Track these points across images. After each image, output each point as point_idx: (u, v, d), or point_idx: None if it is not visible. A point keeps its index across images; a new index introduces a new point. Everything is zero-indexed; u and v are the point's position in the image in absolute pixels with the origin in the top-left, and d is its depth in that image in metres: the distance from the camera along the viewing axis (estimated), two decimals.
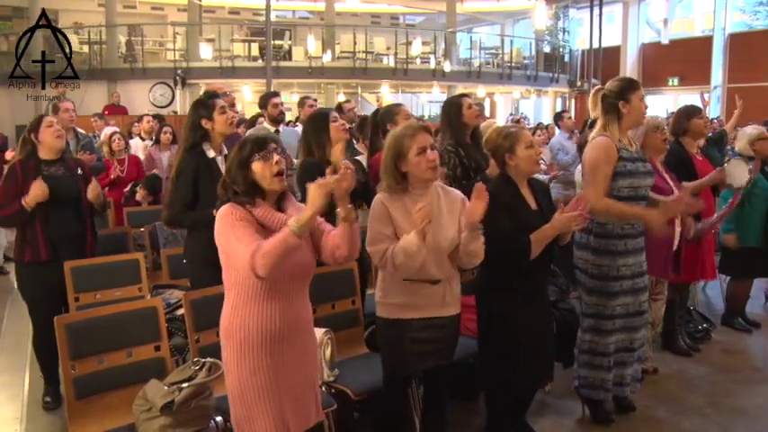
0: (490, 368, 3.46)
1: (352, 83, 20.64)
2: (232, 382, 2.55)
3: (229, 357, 2.54)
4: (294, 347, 2.57)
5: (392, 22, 26.16)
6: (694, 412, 4.13)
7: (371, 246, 2.95)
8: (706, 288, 6.57)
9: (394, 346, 3.09)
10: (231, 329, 2.52)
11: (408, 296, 3.03)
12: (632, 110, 3.66)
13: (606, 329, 3.78)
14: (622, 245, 3.71)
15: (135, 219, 5.78)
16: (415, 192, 2.99)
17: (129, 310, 3.21)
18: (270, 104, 5.84)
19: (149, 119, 8.70)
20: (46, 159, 4.08)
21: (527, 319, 3.31)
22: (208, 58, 18.12)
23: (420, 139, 2.93)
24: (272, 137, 2.60)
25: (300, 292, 2.62)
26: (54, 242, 4.01)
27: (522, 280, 3.30)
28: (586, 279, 3.80)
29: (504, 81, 20.91)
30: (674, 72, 20.47)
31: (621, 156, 3.63)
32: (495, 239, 3.08)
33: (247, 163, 2.48)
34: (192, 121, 3.92)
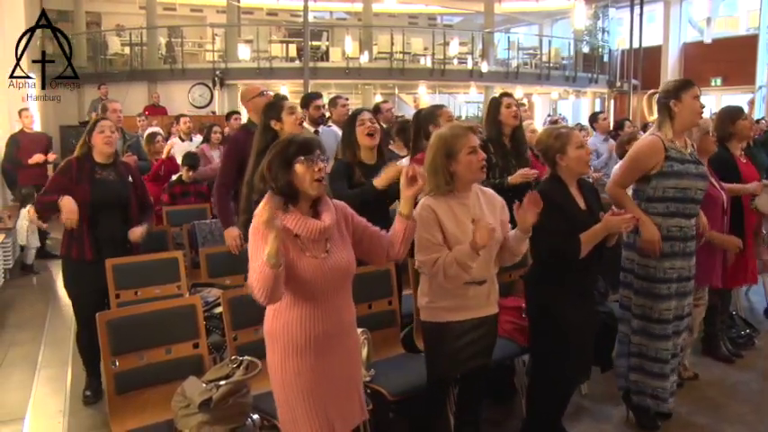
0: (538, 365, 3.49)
1: (389, 83, 20.63)
2: (277, 385, 2.55)
3: (273, 360, 2.55)
4: (337, 349, 2.56)
5: (429, 22, 26.10)
6: (737, 419, 4.05)
7: (422, 254, 2.96)
8: (749, 293, 6.43)
9: (443, 349, 3.10)
10: (274, 333, 2.53)
11: (457, 299, 3.03)
12: (684, 109, 3.61)
13: (656, 334, 3.72)
14: (668, 246, 3.65)
15: (174, 218, 5.86)
16: (459, 194, 3.00)
17: (168, 308, 3.25)
18: (312, 106, 5.87)
19: (186, 120, 8.84)
20: (99, 162, 4.18)
21: (577, 318, 3.32)
22: (246, 59, 18.26)
23: (471, 139, 2.97)
24: (318, 142, 2.56)
25: (342, 293, 2.60)
26: (100, 245, 4.11)
27: (573, 278, 3.31)
28: (633, 279, 3.77)
29: (542, 82, 20.71)
30: (717, 72, 20.06)
31: (669, 155, 3.58)
32: (547, 238, 3.12)
33: (291, 162, 2.44)
34: (263, 124, 4.03)
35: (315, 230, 2.44)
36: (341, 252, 2.54)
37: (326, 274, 2.47)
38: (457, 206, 2.96)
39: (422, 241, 2.95)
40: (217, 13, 21.44)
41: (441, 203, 2.97)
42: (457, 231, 2.92)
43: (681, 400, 4.07)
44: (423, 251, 2.95)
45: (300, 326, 2.48)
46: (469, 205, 2.98)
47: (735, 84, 19.47)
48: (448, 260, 2.86)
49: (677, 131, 3.65)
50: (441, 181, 2.97)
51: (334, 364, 2.55)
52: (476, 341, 3.09)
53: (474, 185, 3.08)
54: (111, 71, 17.09)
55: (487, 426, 3.44)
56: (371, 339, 3.38)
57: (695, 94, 3.63)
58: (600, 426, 3.96)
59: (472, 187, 3.06)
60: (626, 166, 3.71)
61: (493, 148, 4.54)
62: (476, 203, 3.01)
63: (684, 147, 3.69)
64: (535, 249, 3.38)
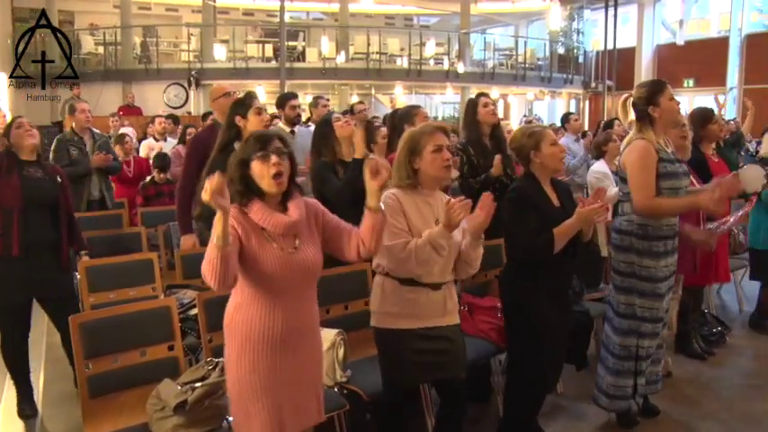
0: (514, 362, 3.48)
1: (365, 84, 20.65)
2: (231, 379, 2.52)
3: (230, 354, 2.51)
4: (297, 348, 2.51)
5: (406, 23, 26.16)
6: (710, 417, 4.11)
7: (389, 240, 2.84)
8: (721, 291, 6.52)
9: (394, 356, 3.01)
10: (234, 326, 2.49)
11: (407, 305, 2.95)
12: (664, 112, 3.63)
13: (658, 332, 3.76)
14: (662, 245, 3.66)
15: (149, 219, 5.82)
16: (424, 192, 2.99)
17: (142, 310, 3.22)
18: (288, 106, 5.85)
19: (162, 120, 8.78)
20: (24, 159, 4.06)
21: (551, 317, 3.32)
22: (222, 59, 18.20)
23: (437, 138, 2.95)
24: (278, 134, 2.52)
25: (306, 293, 2.56)
26: (28, 243, 3.95)
27: (547, 276, 3.32)
28: (637, 282, 3.70)
29: (517, 82, 20.85)
30: (689, 73, 20.33)
31: (661, 157, 3.61)
32: (521, 236, 3.10)
33: (248, 161, 2.41)
34: (228, 119, 4.04)
35: (281, 225, 2.41)
36: (309, 249, 2.51)
37: (292, 268, 2.43)
38: (422, 203, 2.94)
39: (388, 227, 2.82)
40: (192, 13, 21.33)
41: (406, 195, 2.93)
42: (420, 224, 2.88)
43: (655, 397, 4.10)
44: (390, 237, 2.85)
45: (261, 321, 2.44)
46: (434, 206, 2.95)
47: (707, 85, 19.75)
48: (420, 243, 2.81)
49: (659, 133, 3.68)
50: (403, 175, 2.95)
51: (293, 363, 2.50)
52: (430, 352, 2.96)
53: (440, 193, 3.06)
54: (84, 71, 16.89)
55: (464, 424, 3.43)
56: (348, 340, 3.36)
57: (670, 95, 3.66)
58: (575, 424, 3.99)
59: (437, 192, 3.04)
60: (639, 178, 3.60)
61: (473, 149, 4.57)
62: (441, 206, 2.93)
63: (666, 146, 3.72)
64: (510, 248, 3.40)
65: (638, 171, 3.61)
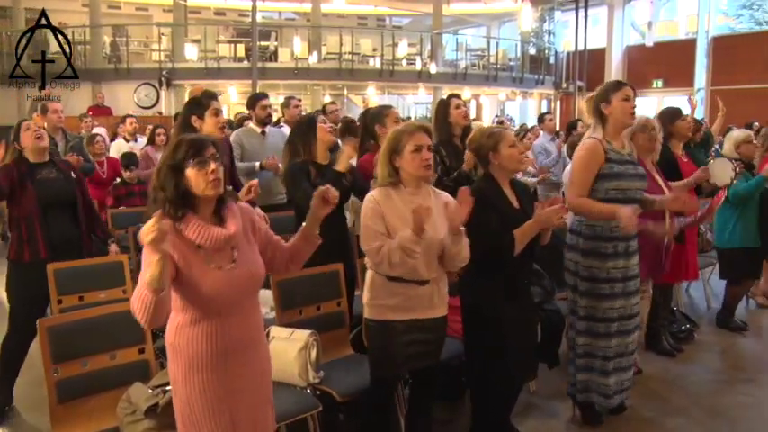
0: (477, 365, 3.48)
1: (338, 84, 20.63)
2: (180, 400, 2.38)
3: (176, 375, 2.37)
4: (246, 361, 2.41)
5: (378, 23, 26.19)
6: (678, 412, 4.16)
7: (367, 243, 2.96)
8: (689, 289, 6.62)
9: (382, 347, 3.09)
10: (177, 347, 2.34)
11: (397, 297, 3.02)
12: (614, 110, 3.67)
13: (600, 332, 3.78)
14: (612, 247, 3.71)
15: (119, 220, 5.75)
16: (407, 190, 3.02)
17: (112, 313, 3.17)
18: (258, 106, 5.81)
19: (132, 120, 8.68)
20: (36, 163, 4.06)
21: (511, 317, 3.32)
22: (193, 59, 18.06)
23: (417, 138, 2.98)
24: (211, 140, 2.36)
25: (249, 305, 2.45)
26: (54, 244, 4.00)
27: (506, 276, 3.32)
28: (577, 281, 3.80)
29: (489, 83, 20.98)
30: (658, 74, 20.61)
31: (609, 158, 3.65)
32: (480, 237, 3.12)
33: (181, 167, 2.25)
34: (184, 118, 4.00)
35: (219, 239, 2.26)
36: (249, 259, 2.39)
37: (234, 285, 2.32)
38: (403, 201, 2.97)
39: (366, 230, 2.97)
40: (163, 12, 21.14)
41: (387, 199, 2.98)
42: (399, 224, 2.91)
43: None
44: (368, 240, 2.95)
45: (206, 342, 2.31)
46: (417, 202, 2.96)
47: (675, 86, 20.06)
48: (392, 247, 2.86)
49: (610, 133, 3.72)
50: (385, 173, 3.03)
51: (244, 377, 2.40)
52: (420, 342, 3.08)
53: (427, 186, 3.10)
54: None
55: (437, 425, 3.45)
56: (320, 341, 3.36)
57: (625, 96, 3.68)
58: (548, 422, 4.02)
59: (423, 187, 3.07)
60: (577, 175, 3.71)
61: (445, 150, 4.59)
62: (426, 202, 2.98)
63: (622, 147, 3.76)
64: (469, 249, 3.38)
65: (577, 168, 3.71)
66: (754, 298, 6.34)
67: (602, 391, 3.84)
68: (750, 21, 20.51)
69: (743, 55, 18.27)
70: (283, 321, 3.56)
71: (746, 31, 19.94)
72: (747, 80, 17.80)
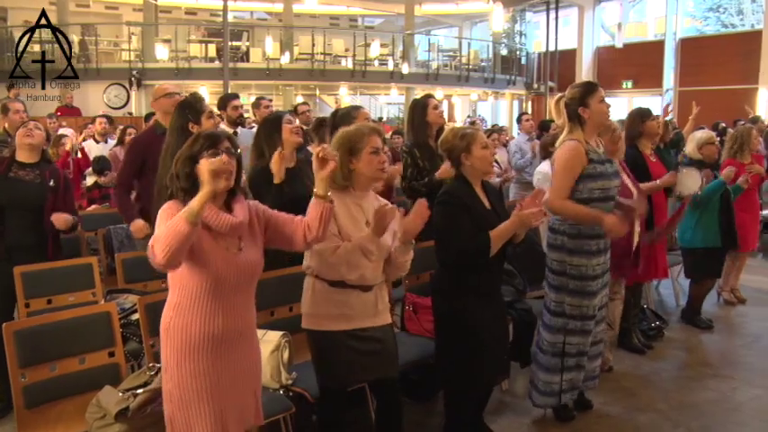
0: (449, 366, 3.46)
1: (310, 84, 20.58)
2: (171, 384, 2.46)
3: (169, 358, 2.46)
4: (237, 351, 2.51)
5: (350, 24, 26.18)
6: (649, 408, 4.22)
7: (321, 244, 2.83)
8: (659, 287, 6.70)
9: (325, 358, 3.00)
10: (173, 330, 2.44)
11: (338, 306, 2.95)
12: (593, 113, 3.70)
13: (587, 330, 3.83)
14: (595, 244, 3.75)
15: (88, 222, 5.67)
16: (356, 193, 2.98)
17: (81, 316, 3.14)
18: (229, 106, 5.78)
19: (102, 120, 8.57)
20: (21, 161, 4.04)
21: (483, 317, 3.33)
22: (164, 59, 17.90)
23: (374, 140, 2.96)
24: (227, 135, 2.52)
25: (245, 294, 2.55)
26: (9, 245, 3.93)
27: (476, 277, 3.32)
28: (567, 280, 3.79)
29: (461, 83, 21.07)
30: (627, 75, 20.86)
31: (591, 158, 3.69)
32: (454, 239, 3.11)
33: (196, 158, 2.38)
34: (179, 124, 3.90)
35: (227, 224, 2.39)
36: (252, 251, 2.51)
37: (237, 269, 2.43)
38: (353, 205, 2.94)
39: None
40: (133, 12, 20.92)
41: (336, 199, 2.87)
42: (350, 227, 2.88)
43: (596, 391, 4.20)
44: None
45: (201, 324, 2.41)
46: (365, 208, 2.95)
47: (644, 86, 20.31)
48: (350, 247, 2.82)
49: (588, 134, 3.76)
50: (338, 176, 2.90)
51: (233, 366, 2.50)
52: (363, 353, 2.97)
53: (371, 194, 3.06)
54: None
55: (409, 426, 3.44)
56: (293, 342, 3.34)
57: (600, 97, 3.73)
58: (520, 420, 4.04)
59: (369, 194, 3.04)
60: (560, 177, 3.71)
61: (419, 151, 4.58)
62: (372, 208, 2.94)
63: (597, 147, 3.81)
64: (441, 252, 3.36)
65: (560, 170, 3.72)
66: (721, 294, 6.44)
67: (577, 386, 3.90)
68: (716, 23, 20.86)
69: (710, 57, 18.57)
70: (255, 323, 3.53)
71: (713, 34, 20.27)
72: (714, 81, 18.08)
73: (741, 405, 4.29)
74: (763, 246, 8.50)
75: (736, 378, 4.72)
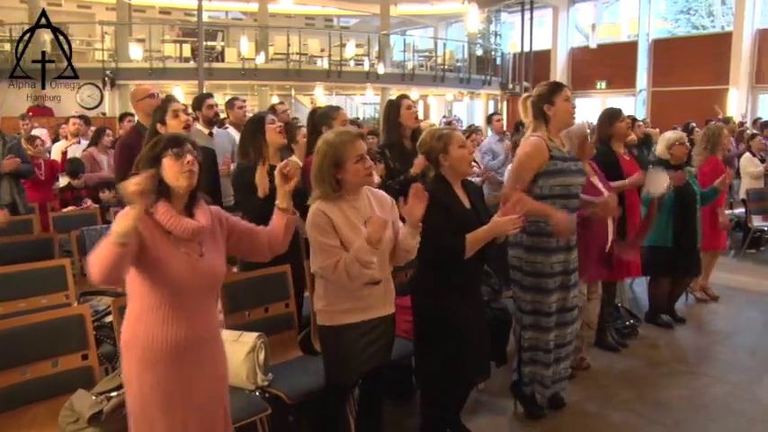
0: (432, 366, 3.48)
1: (285, 85, 20.50)
2: (133, 397, 2.40)
3: (130, 370, 2.39)
4: (200, 360, 2.44)
5: (326, 24, 26.14)
6: (622, 406, 4.26)
7: (322, 261, 2.90)
8: (633, 285, 6.77)
9: (342, 352, 3.06)
10: (133, 340, 2.37)
11: (353, 300, 3.01)
12: (558, 111, 3.78)
13: (546, 326, 3.85)
14: (554, 241, 3.79)
15: (61, 224, 5.61)
16: (349, 197, 2.99)
17: (54, 319, 3.10)
18: (204, 106, 5.72)
19: (75, 121, 8.48)
20: None
21: (464, 316, 3.36)
22: (138, 59, 17.72)
23: (358, 147, 2.95)
24: (190, 139, 2.45)
25: (208, 302, 2.51)
26: None
27: (456, 277, 3.35)
28: (522, 276, 3.87)
29: (437, 83, 21.11)
30: (601, 76, 21.04)
31: (553, 155, 3.74)
32: (431, 237, 3.14)
33: (158, 159, 2.34)
34: (152, 128, 3.99)
35: (188, 229, 2.34)
36: (214, 257, 2.46)
37: (199, 275, 2.38)
38: (349, 210, 2.95)
39: (320, 246, 2.90)
40: (106, 11, 20.70)
41: (333, 208, 2.93)
42: (351, 235, 2.90)
43: (571, 389, 4.24)
44: (322, 256, 2.90)
45: (163, 333, 2.34)
46: (360, 208, 2.97)
47: (618, 87, 20.51)
48: (348, 260, 2.84)
49: (552, 132, 3.83)
50: (327, 189, 2.93)
51: (197, 376, 2.43)
52: (374, 342, 3.08)
53: (364, 190, 3.07)
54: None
55: (387, 426, 3.45)
56: (268, 343, 3.33)
57: (566, 97, 3.81)
58: (497, 419, 4.07)
59: (362, 193, 3.05)
60: (517, 169, 3.82)
61: (391, 152, 4.58)
62: (367, 205, 3.01)
63: (562, 145, 3.86)
64: (421, 250, 3.38)
65: (520, 163, 3.81)
66: (693, 293, 6.52)
67: (543, 382, 3.93)
68: (687, 25, 21.12)
69: (681, 58, 18.78)
70: (230, 324, 3.52)
71: (684, 35, 20.52)
72: (686, 82, 18.31)
73: (713, 401, 4.36)
74: (734, 244, 8.65)
75: (708, 374, 4.79)
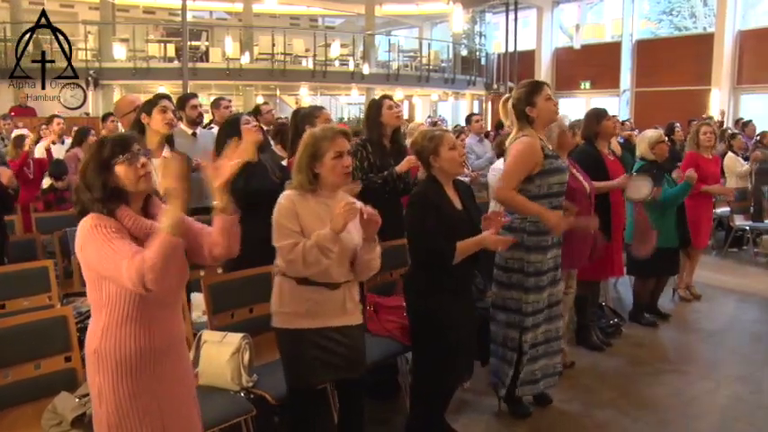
0: (424, 365, 3.50)
1: (270, 85, 20.47)
2: (108, 410, 2.31)
3: (103, 383, 2.31)
4: (172, 362, 2.42)
5: (311, 24, 26.12)
6: (607, 404, 4.29)
7: (279, 240, 2.86)
8: (617, 284, 6.81)
9: (293, 356, 3.00)
10: (104, 352, 2.29)
11: (307, 304, 2.94)
12: (541, 112, 3.77)
13: (527, 325, 3.85)
14: (549, 239, 3.82)
15: (44, 224, 5.56)
16: (323, 194, 2.97)
17: (36, 320, 3.08)
18: (188, 106, 5.69)
19: (59, 121, 8.42)
20: None
21: (455, 317, 3.37)
22: (122, 59, 17.62)
23: (338, 143, 2.93)
24: (134, 138, 2.36)
25: (175, 303, 2.47)
26: None
27: (448, 278, 3.36)
28: (524, 278, 3.82)
29: (422, 84, 21.14)
30: (585, 76, 21.14)
31: (546, 154, 3.75)
32: (424, 239, 3.14)
33: (108, 165, 2.24)
34: (136, 118, 4.07)
35: (148, 230, 2.27)
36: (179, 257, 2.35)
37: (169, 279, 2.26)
38: (318, 205, 2.93)
39: (280, 228, 2.87)
40: (89, 10, 20.54)
41: (303, 199, 2.91)
42: (316, 225, 2.86)
43: (556, 388, 4.25)
44: (280, 237, 2.86)
45: (134, 342, 2.29)
46: (332, 206, 2.91)
47: (602, 87, 20.62)
48: (308, 245, 2.80)
49: (540, 132, 3.83)
50: (304, 180, 2.92)
51: (171, 380, 2.40)
52: (330, 351, 2.97)
53: (340, 193, 3.05)
54: None
55: (371, 425, 3.45)
56: (253, 344, 3.32)
57: (547, 95, 3.80)
58: (481, 418, 4.08)
59: (338, 193, 3.03)
60: (512, 170, 3.76)
61: (372, 148, 4.59)
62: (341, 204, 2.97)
63: (547, 144, 3.88)
64: (413, 251, 3.43)
65: (513, 162, 3.77)
66: (677, 291, 6.57)
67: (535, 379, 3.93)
68: (670, 26, 21.27)
69: (664, 58, 18.90)
70: (215, 325, 3.51)
71: (667, 36, 20.67)
72: (668, 82, 18.44)
73: (697, 398, 4.39)
74: (716, 243, 8.72)
75: (691, 372, 4.83)
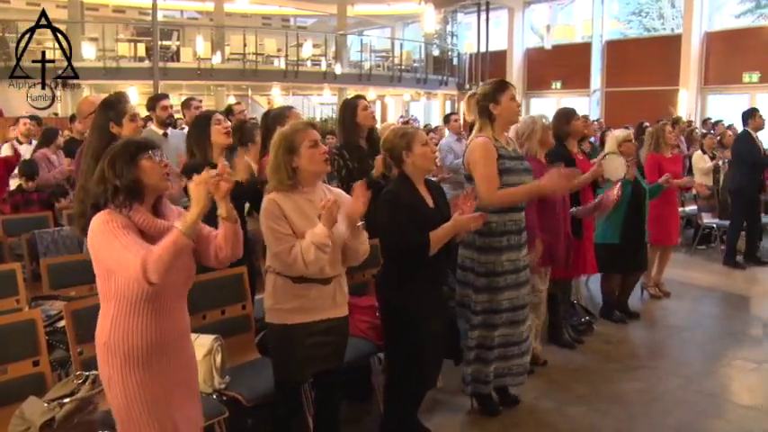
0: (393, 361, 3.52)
1: (242, 85, 20.36)
2: (117, 400, 2.42)
3: (112, 373, 2.42)
4: (177, 355, 2.52)
5: (283, 23, 26.02)
6: (578, 401, 4.33)
7: (275, 247, 2.90)
8: (588, 282, 6.88)
9: (287, 351, 3.06)
10: (113, 343, 2.40)
11: (300, 299, 3.01)
12: (503, 110, 3.81)
13: (494, 323, 3.88)
14: (505, 240, 3.83)
15: (11, 226, 5.47)
16: (304, 189, 2.99)
17: (3, 324, 3.02)
18: (158, 107, 5.65)
19: (26, 121, 8.29)
20: None
21: (428, 307, 3.39)
22: (91, 58, 17.39)
23: (310, 134, 2.98)
24: (156, 142, 2.50)
25: (182, 298, 2.57)
26: None
27: (423, 275, 3.38)
28: (474, 277, 3.87)
29: (394, 84, 21.17)
30: (556, 76, 21.30)
31: (500, 154, 3.77)
32: (396, 236, 3.16)
33: (135, 159, 2.36)
34: (100, 124, 3.85)
35: (163, 230, 2.37)
36: (185, 255, 2.47)
37: (175, 273, 2.38)
38: (303, 202, 2.96)
39: (273, 233, 2.91)
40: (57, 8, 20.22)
41: (286, 199, 2.94)
42: (303, 224, 2.90)
43: (528, 385, 4.28)
44: (276, 244, 2.90)
45: (141, 334, 2.39)
46: (315, 201, 2.95)
47: (573, 87, 20.80)
48: (305, 245, 2.84)
49: (498, 131, 3.86)
50: (283, 176, 2.94)
51: (176, 370, 2.51)
52: (324, 344, 3.07)
53: (320, 185, 3.09)
54: None
55: (345, 425, 3.45)
56: (225, 345, 3.30)
57: (511, 95, 3.83)
58: (454, 417, 4.09)
59: (318, 185, 3.07)
60: (485, 173, 3.76)
61: (349, 153, 4.58)
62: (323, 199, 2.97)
63: (507, 144, 3.90)
64: (385, 249, 3.45)
65: (481, 165, 3.78)
66: (646, 289, 6.66)
67: (485, 379, 3.94)
68: (639, 27, 21.53)
69: (633, 59, 19.11)
70: None
71: (636, 36, 20.90)
72: (638, 83, 18.64)
73: (665, 394, 4.46)
74: (685, 240, 8.85)
75: (660, 369, 4.90)
